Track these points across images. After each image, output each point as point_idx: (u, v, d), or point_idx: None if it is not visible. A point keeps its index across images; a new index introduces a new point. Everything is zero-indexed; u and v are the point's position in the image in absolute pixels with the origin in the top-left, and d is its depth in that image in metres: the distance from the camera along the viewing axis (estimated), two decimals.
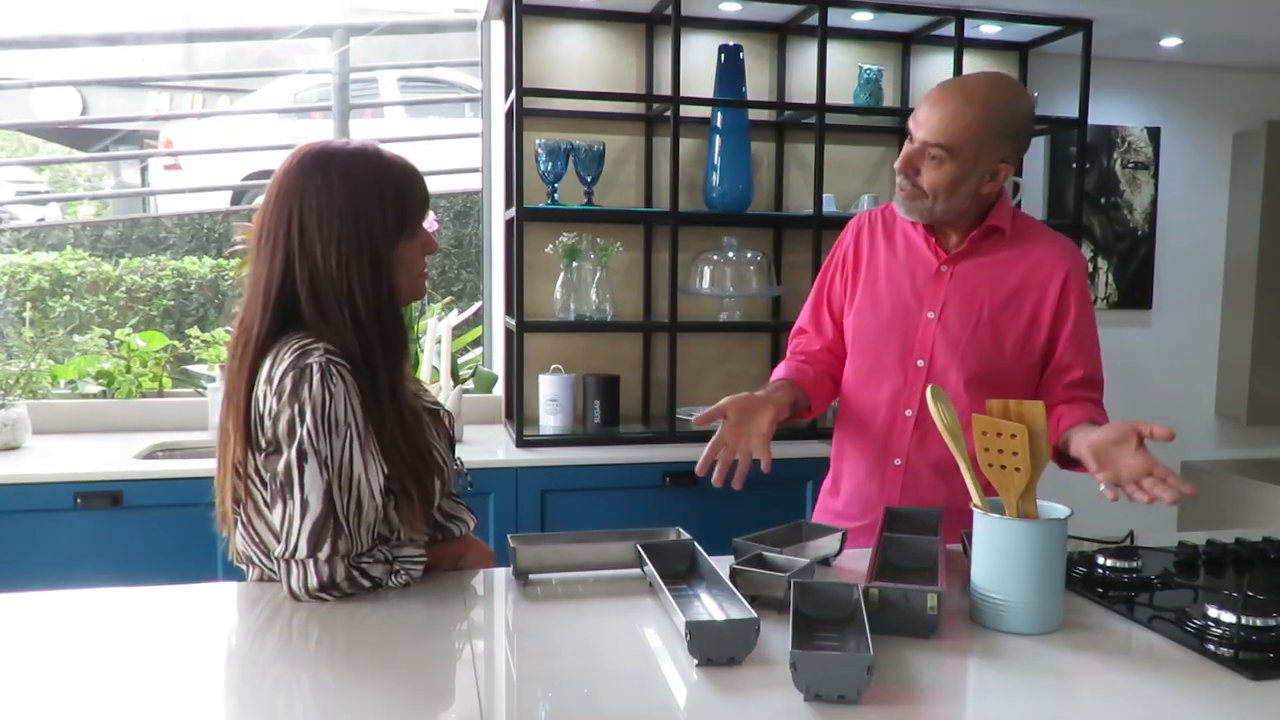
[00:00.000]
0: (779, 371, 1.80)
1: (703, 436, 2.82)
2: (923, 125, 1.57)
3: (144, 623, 1.25)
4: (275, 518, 1.26)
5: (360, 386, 1.27)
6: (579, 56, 2.91)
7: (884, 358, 1.70)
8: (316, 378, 1.22)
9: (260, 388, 1.27)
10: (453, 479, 1.45)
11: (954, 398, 1.58)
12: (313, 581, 1.25)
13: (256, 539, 1.35)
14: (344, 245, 1.27)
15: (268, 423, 1.26)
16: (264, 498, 1.30)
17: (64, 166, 5.57)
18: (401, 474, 1.31)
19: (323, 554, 1.24)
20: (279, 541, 1.26)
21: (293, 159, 1.31)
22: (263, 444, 1.28)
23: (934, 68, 3.10)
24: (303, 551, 1.24)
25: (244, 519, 1.35)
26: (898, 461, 1.69)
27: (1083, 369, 1.64)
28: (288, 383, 1.23)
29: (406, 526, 1.34)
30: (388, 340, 1.30)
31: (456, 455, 1.50)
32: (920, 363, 1.66)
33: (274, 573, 1.32)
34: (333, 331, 1.27)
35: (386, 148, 1.35)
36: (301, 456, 1.23)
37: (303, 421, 1.22)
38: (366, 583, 1.28)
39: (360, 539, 1.27)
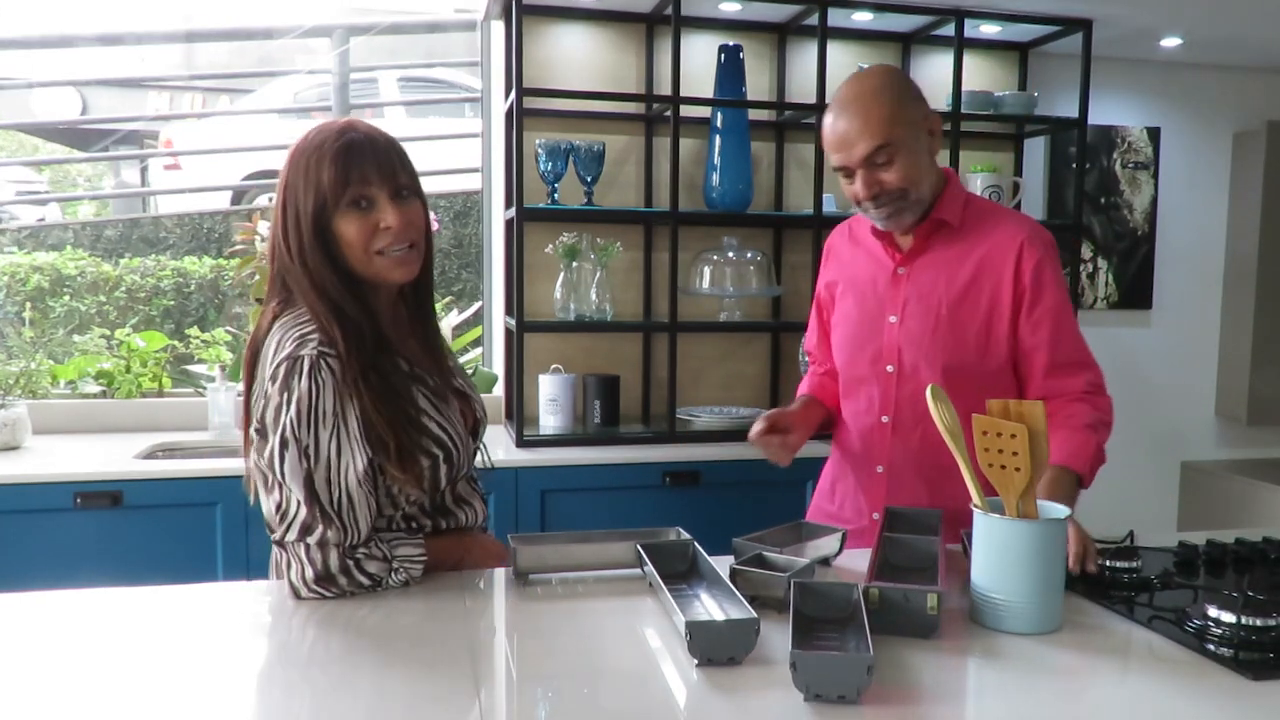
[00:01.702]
0: (805, 386, 1.87)
1: (702, 437, 2.82)
2: (852, 145, 1.55)
3: (144, 623, 1.25)
4: (270, 505, 1.29)
5: (346, 371, 1.28)
6: (579, 56, 2.91)
7: (859, 366, 1.71)
8: (305, 370, 1.25)
9: (263, 369, 1.30)
10: (466, 460, 1.44)
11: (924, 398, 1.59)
12: (309, 572, 1.26)
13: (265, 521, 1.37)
14: (286, 221, 1.32)
15: (260, 404, 1.29)
16: (264, 482, 1.32)
17: (64, 166, 5.57)
18: (378, 423, 1.30)
19: (313, 539, 1.25)
20: (274, 530, 1.29)
21: None
22: (254, 425, 1.31)
23: (934, 68, 3.10)
24: (293, 535, 1.26)
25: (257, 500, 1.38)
26: (880, 469, 1.69)
27: (1049, 352, 1.58)
28: (281, 371, 1.26)
29: (387, 477, 1.33)
30: (359, 309, 1.32)
31: (481, 443, 1.50)
32: (890, 368, 1.66)
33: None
34: (304, 297, 1.32)
35: (354, 127, 1.33)
36: (283, 445, 1.26)
37: (287, 410, 1.25)
38: (364, 579, 1.29)
39: (355, 529, 1.28)
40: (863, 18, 2.87)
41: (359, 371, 1.29)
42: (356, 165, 1.28)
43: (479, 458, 1.51)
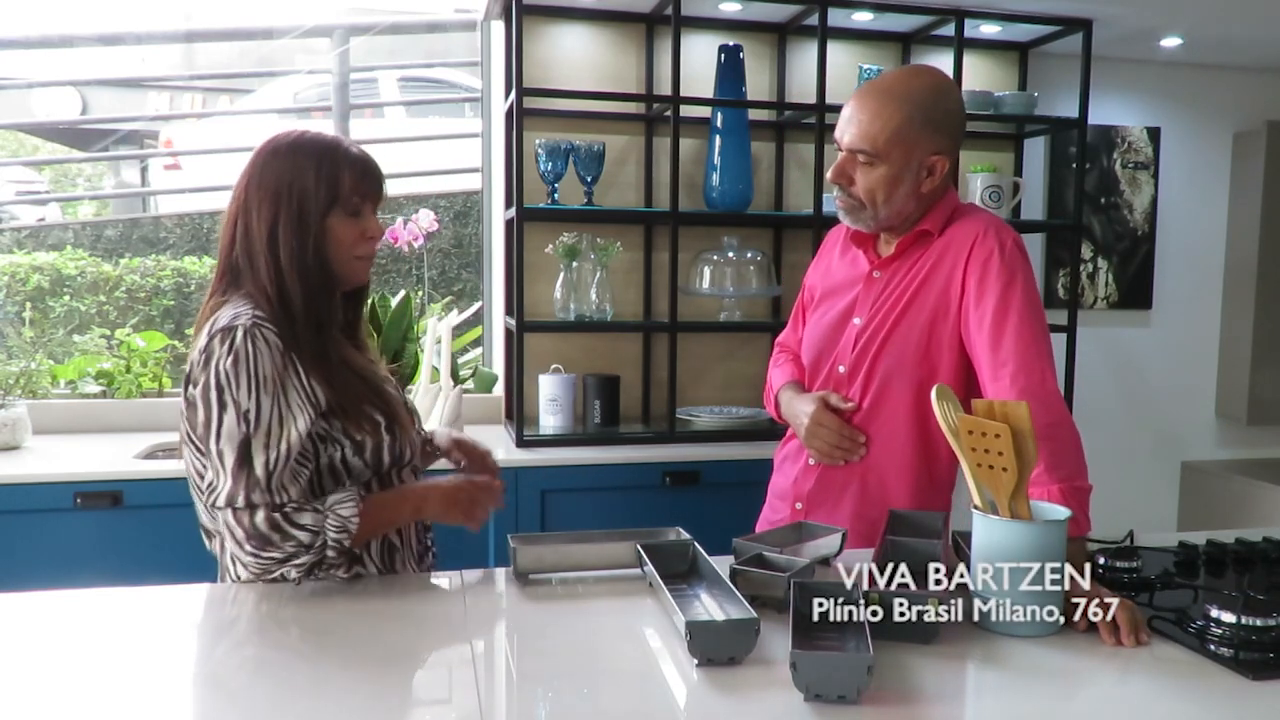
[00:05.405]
0: (784, 375, 1.84)
1: (702, 437, 2.83)
2: (845, 133, 1.54)
3: (144, 623, 1.25)
4: (209, 475, 1.28)
5: (284, 343, 1.31)
6: (579, 56, 2.91)
7: (819, 364, 1.72)
8: (240, 336, 1.27)
9: (192, 353, 1.32)
10: (407, 441, 1.45)
11: (877, 401, 1.61)
12: (239, 534, 1.24)
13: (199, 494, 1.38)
14: (275, 204, 1.36)
15: (198, 377, 1.29)
16: (197, 463, 1.33)
17: (64, 166, 5.56)
18: (345, 400, 1.35)
19: (239, 503, 1.24)
20: (206, 494, 1.29)
21: (260, 145, 1.41)
22: (192, 400, 1.30)
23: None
24: (221, 500, 1.25)
25: (192, 479, 1.38)
26: (811, 461, 1.69)
27: (988, 354, 1.48)
28: (215, 344, 1.28)
29: (338, 435, 1.36)
30: (310, 297, 1.36)
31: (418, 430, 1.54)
32: (841, 368, 1.67)
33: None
34: (255, 278, 1.35)
35: (351, 142, 1.43)
36: (222, 408, 1.26)
37: (226, 377, 1.26)
38: (299, 533, 1.24)
39: (284, 493, 1.26)
40: (863, 18, 2.87)
41: (296, 340, 1.33)
42: (370, 176, 1.40)
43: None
